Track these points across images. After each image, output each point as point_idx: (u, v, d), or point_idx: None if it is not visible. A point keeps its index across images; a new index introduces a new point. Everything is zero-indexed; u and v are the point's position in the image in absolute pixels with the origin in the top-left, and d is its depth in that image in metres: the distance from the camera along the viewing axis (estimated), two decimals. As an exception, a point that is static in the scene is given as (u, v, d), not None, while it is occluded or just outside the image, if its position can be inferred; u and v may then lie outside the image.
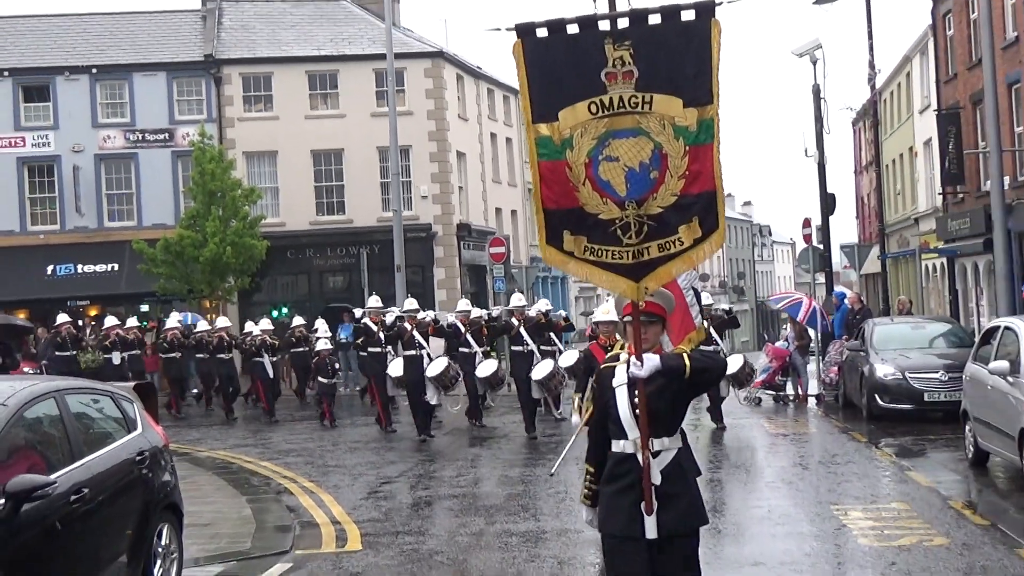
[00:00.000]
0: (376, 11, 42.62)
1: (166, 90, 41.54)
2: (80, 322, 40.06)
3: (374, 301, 23.84)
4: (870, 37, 34.04)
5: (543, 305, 23.04)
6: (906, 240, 45.74)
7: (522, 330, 20.77)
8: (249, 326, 28.02)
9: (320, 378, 24.19)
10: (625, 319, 6.96)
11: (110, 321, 29.68)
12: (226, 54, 42.34)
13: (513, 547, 11.43)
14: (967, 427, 15.61)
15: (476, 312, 24.89)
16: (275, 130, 41.57)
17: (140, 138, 41.30)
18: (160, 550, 9.70)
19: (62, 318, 29.87)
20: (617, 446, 6.71)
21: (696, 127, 6.52)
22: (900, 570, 9.99)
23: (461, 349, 22.11)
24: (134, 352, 28.48)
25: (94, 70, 41.23)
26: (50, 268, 39.90)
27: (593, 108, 6.58)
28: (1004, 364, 13.86)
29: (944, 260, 38.34)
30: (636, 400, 6.59)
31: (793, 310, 26.69)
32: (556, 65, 6.70)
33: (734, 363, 19.93)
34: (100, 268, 39.93)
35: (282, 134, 41.44)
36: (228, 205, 36.37)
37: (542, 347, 21.05)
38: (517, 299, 22.81)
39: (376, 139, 39.14)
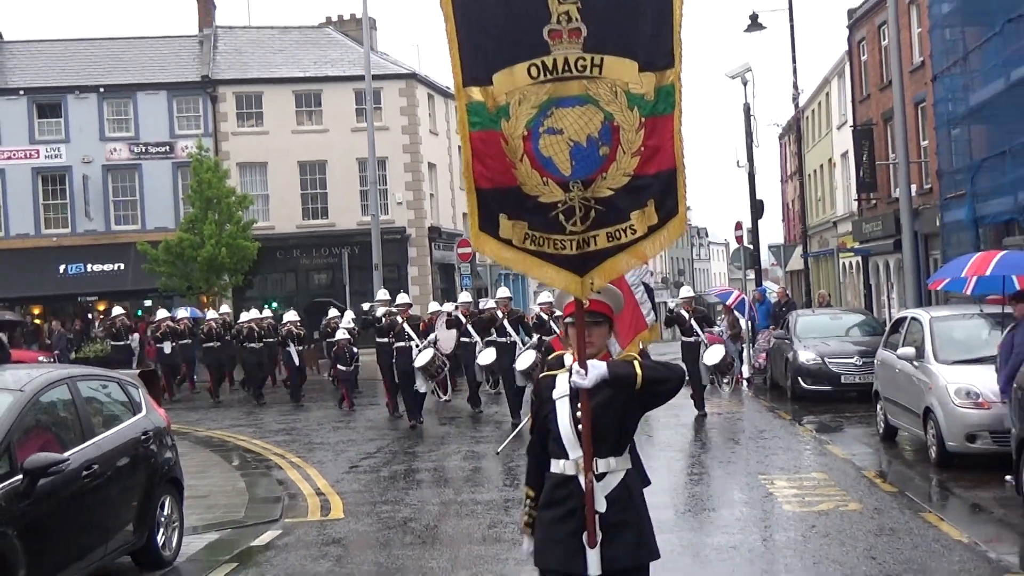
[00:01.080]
0: (356, 37, 42.45)
1: (167, 107, 41.16)
2: (90, 314, 39.98)
3: (383, 294, 22.91)
4: (794, 61, 34.59)
5: (545, 298, 21.99)
6: (826, 240, 46.07)
7: (505, 322, 19.60)
8: (288, 316, 26.78)
9: (340, 365, 23.21)
10: (567, 320, 5.49)
11: (162, 313, 28.71)
12: (221, 75, 42.01)
13: (478, 514, 11.43)
14: (878, 406, 15.74)
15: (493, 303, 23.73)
16: (265, 143, 41.28)
17: (143, 150, 40.90)
18: (163, 519, 9.68)
19: (117, 311, 29.49)
20: (556, 467, 5.28)
21: (654, 95, 5.07)
22: (819, 532, 10.03)
23: (462, 339, 21.22)
24: (185, 341, 27.67)
25: (101, 89, 40.82)
26: (62, 267, 39.49)
27: (533, 71, 5.02)
28: (910, 350, 14.00)
29: (859, 258, 38.61)
30: (579, 414, 5.21)
31: (724, 296, 27.10)
32: (491, 20, 5.17)
33: (715, 354, 18.83)
34: (108, 267, 39.53)
35: (271, 147, 41.17)
36: (223, 211, 36.09)
37: (543, 337, 19.32)
38: (503, 291, 21.63)
39: (356, 151, 38.95)
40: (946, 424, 12.64)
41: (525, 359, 18.36)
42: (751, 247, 33.23)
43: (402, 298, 21.47)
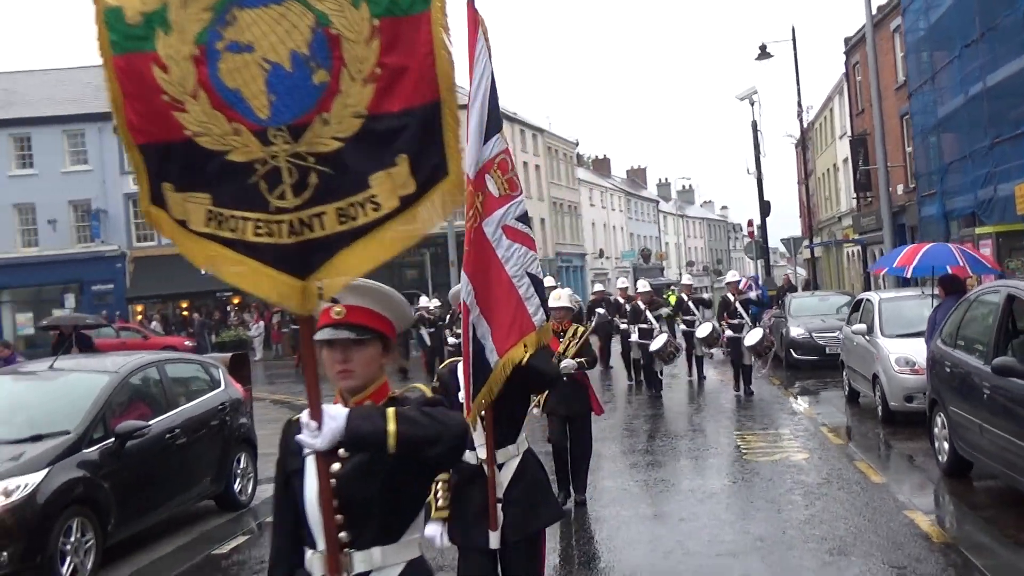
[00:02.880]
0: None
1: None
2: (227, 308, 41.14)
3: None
4: (797, 83, 33.97)
5: (622, 283, 20.64)
6: (833, 233, 45.52)
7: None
8: (422, 302, 25.80)
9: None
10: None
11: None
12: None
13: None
14: (844, 373, 15.78)
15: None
16: (363, 164, 42.10)
17: (266, 173, 41.99)
18: (239, 471, 10.15)
19: None
20: (307, 559, 3.00)
21: None
22: (763, 477, 10.17)
23: None
24: (457, 318, 26.47)
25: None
26: (203, 269, 40.67)
27: None
28: (863, 326, 14.07)
29: (859, 247, 38.18)
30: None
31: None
32: None
33: (754, 336, 17.26)
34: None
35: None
36: (329, 220, 36.98)
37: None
38: (548, 282, 21.03)
39: (437, 169, 39.48)
40: (888, 387, 12.71)
41: (658, 341, 16.99)
42: (760, 240, 33.05)
43: (455, 290, 20.29)
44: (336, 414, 2.77)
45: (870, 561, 7.14)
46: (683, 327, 20.20)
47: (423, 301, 26.57)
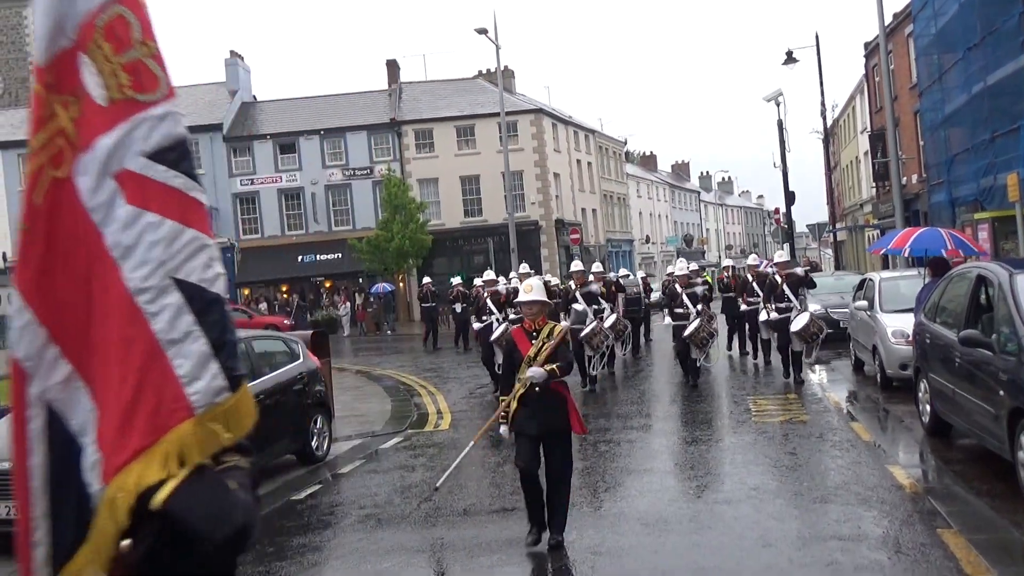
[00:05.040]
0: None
1: (367, 142, 42.73)
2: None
3: (524, 268, 19.58)
4: (821, 87, 33.52)
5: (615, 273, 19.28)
6: (856, 218, 44.71)
7: (577, 294, 15.54)
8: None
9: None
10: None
11: (455, 280, 25.66)
12: (404, 117, 43.33)
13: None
14: (850, 344, 15.66)
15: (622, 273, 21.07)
16: (436, 165, 42.47)
17: (352, 174, 42.62)
18: (315, 431, 10.49)
19: (425, 280, 28.28)
20: None
21: None
22: (767, 436, 10.23)
23: (573, 306, 15.61)
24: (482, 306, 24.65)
25: (322, 131, 42.65)
26: (299, 257, 41.62)
27: None
28: (864, 303, 13.98)
29: (878, 231, 37.43)
30: None
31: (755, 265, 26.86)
32: None
33: (800, 321, 14.35)
34: (330, 256, 41.45)
35: (440, 167, 42.33)
36: (407, 214, 37.45)
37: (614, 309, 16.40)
38: (576, 266, 17.52)
39: (499, 167, 39.40)
40: (886, 356, 12.65)
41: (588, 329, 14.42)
42: (785, 226, 32.65)
43: (488, 275, 17.84)
44: None
45: (847, 508, 7.23)
46: (744, 308, 18.38)
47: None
